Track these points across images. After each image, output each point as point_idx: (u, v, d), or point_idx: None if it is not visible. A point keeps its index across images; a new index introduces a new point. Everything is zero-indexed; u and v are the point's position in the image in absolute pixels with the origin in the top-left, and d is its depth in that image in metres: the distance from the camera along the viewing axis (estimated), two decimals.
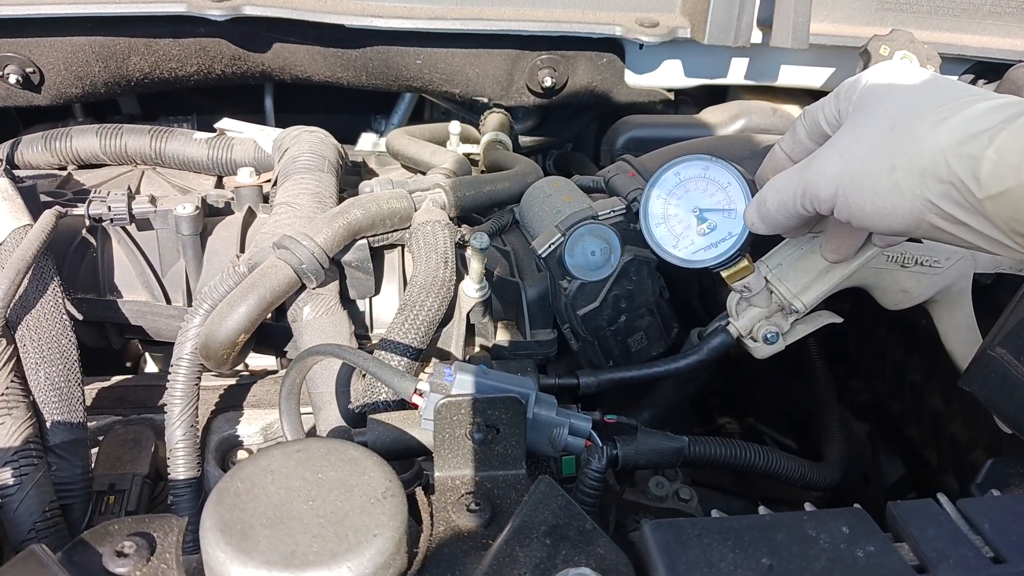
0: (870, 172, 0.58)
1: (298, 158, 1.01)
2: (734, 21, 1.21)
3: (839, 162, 0.60)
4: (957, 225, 0.55)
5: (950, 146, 0.53)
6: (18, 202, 0.87)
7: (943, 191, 0.54)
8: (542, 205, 0.99)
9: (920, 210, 0.56)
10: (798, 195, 0.64)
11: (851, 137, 0.60)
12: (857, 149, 0.59)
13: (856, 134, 0.60)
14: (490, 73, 1.33)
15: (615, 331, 0.92)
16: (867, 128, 0.59)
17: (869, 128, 0.59)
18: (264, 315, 0.84)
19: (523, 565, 0.53)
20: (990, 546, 0.54)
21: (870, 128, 0.59)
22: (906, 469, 1.27)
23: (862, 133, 0.59)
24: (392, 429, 0.72)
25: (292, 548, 0.49)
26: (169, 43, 1.24)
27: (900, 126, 0.57)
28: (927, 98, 0.57)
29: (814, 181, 0.62)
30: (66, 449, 0.79)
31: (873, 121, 0.59)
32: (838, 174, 0.60)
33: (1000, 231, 0.53)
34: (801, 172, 0.64)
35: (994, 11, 1.29)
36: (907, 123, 0.56)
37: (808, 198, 0.63)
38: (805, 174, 0.63)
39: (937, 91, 0.58)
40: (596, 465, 0.71)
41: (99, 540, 0.54)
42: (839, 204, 0.60)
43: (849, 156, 0.59)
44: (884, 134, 0.57)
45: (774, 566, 0.52)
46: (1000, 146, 0.51)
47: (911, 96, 0.58)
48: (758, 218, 0.70)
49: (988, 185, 0.51)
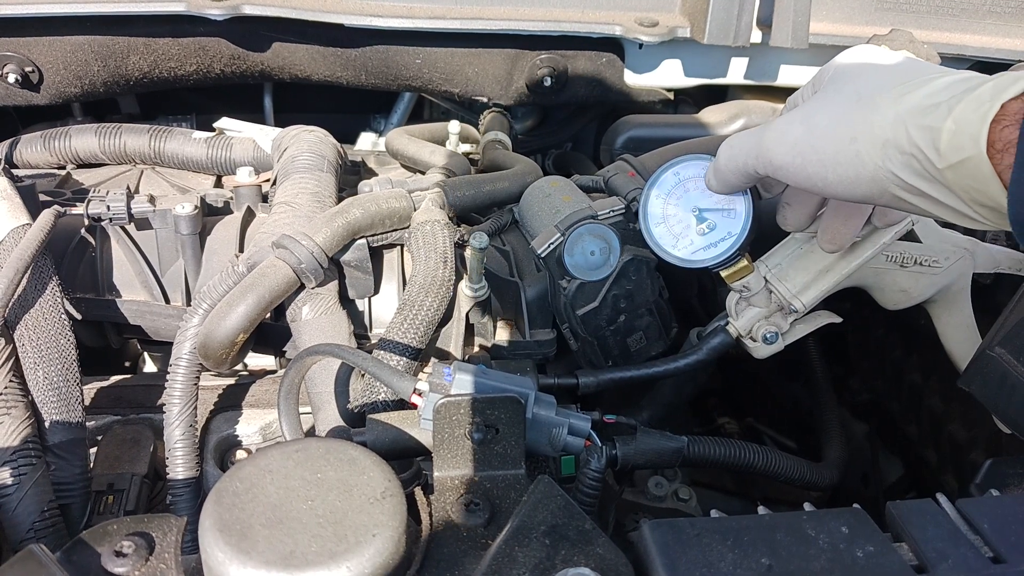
0: (831, 141, 0.58)
1: (297, 157, 1.01)
2: (734, 21, 1.21)
3: (799, 129, 0.60)
4: (919, 196, 0.56)
5: (910, 117, 0.54)
6: (17, 201, 0.87)
7: (904, 161, 0.54)
8: (541, 205, 0.99)
9: (882, 180, 0.56)
10: (751, 155, 0.65)
11: (815, 107, 0.61)
12: (820, 119, 0.59)
13: (820, 105, 0.60)
14: (490, 73, 1.33)
15: (614, 331, 0.92)
16: (832, 100, 0.60)
17: (834, 100, 0.59)
18: (263, 315, 0.84)
19: (522, 565, 0.53)
20: (989, 546, 0.54)
21: (835, 100, 0.59)
22: (906, 469, 1.27)
23: (827, 105, 0.60)
24: (391, 429, 0.72)
25: (291, 548, 0.49)
26: (168, 42, 1.24)
27: (864, 99, 0.57)
28: (893, 74, 0.58)
29: (769, 145, 0.62)
30: (65, 449, 0.79)
31: (838, 94, 0.59)
32: (797, 141, 0.60)
33: (961, 201, 0.54)
34: (758, 134, 0.64)
35: (994, 11, 1.29)
36: (871, 96, 0.57)
37: (761, 161, 0.64)
38: (762, 136, 0.63)
39: (905, 69, 0.59)
40: (595, 465, 0.71)
41: (98, 540, 0.54)
42: (794, 171, 0.61)
43: (810, 124, 0.60)
44: (848, 106, 0.58)
45: (773, 566, 0.51)
46: (959, 116, 0.51)
47: (878, 73, 0.59)
48: (712, 175, 0.71)
49: (948, 155, 0.52)
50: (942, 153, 0.52)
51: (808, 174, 0.60)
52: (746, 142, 0.66)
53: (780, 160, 0.61)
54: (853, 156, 0.57)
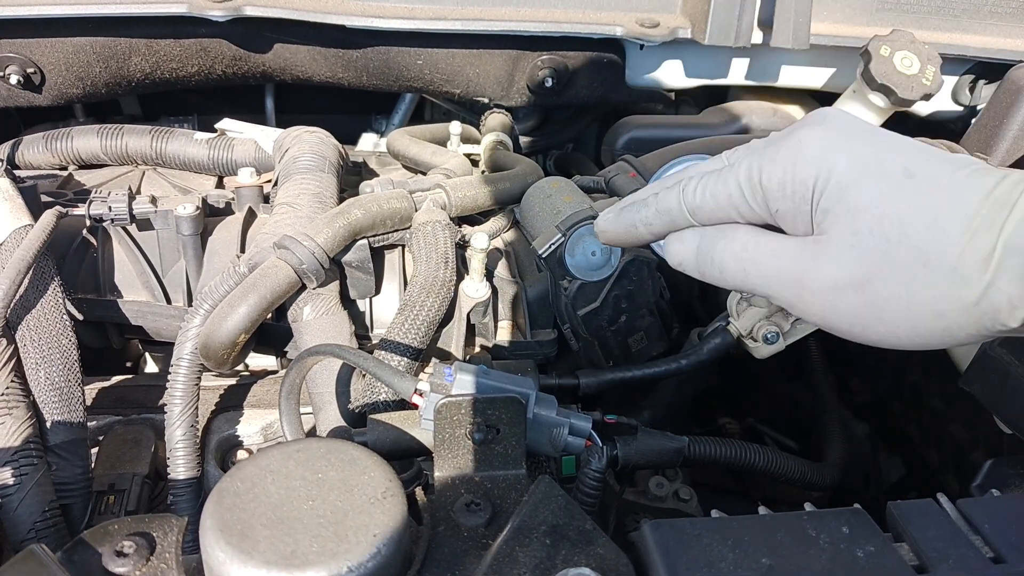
0: (907, 314, 0.51)
1: (299, 158, 1.01)
2: (734, 21, 1.21)
3: (855, 299, 0.52)
4: None
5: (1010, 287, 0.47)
6: (19, 202, 0.87)
7: (1011, 329, 0.49)
8: (542, 205, 0.99)
9: (982, 336, 0.51)
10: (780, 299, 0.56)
11: (863, 269, 0.51)
12: (881, 288, 0.51)
13: (869, 266, 0.51)
14: (491, 73, 1.33)
15: (615, 331, 0.92)
16: (883, 259, 0.50)
17: (887, 261, 0.50)
18: (264, 315, 0.84)
19: (523, 565, 0.53)
20: (990, 546, 0.54)
21: (889, 261, 0.50)
22: (906, 469, 1.27)
23: (879, 266, 0.50)
24: (392, 429, 0.72)
25: (292, 548, 0.49)
26: (170, 44, 1.24)
27: (934, 263, 0.49)
28: (938, 209, 0.50)
29: (815, 310, 0.54)
30: (66, 449, 0.79)
31: (887, 251, 0.50)
32: (859, 311, 0.52)
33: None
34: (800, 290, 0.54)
35: (994, 11, 1.29)
36: (941, 260, 0.49)
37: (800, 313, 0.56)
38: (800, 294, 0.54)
39: (936, 188, 0.50)
40: (596, 465, 0.71)
41: (99, 540, 0.54)
42: (855, 334, 0.54)
43: (871, 295, 0.51)
44: (916, 273, 0.50)
45: (774, 566, 0.51)
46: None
47: (914, 210, 0.50)
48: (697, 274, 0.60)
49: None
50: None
51: (873, 339, 0.53)
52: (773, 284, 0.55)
53: (832, 322, 0.54)
54: (941, 331, 0.51)
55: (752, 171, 0.54)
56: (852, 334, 0.54)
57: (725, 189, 0.56)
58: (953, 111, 1.37)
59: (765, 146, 0.55)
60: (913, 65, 1.20)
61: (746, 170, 0.55)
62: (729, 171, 0.56)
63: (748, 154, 0.56)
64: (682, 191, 0.58)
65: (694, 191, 0.57)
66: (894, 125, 1.31)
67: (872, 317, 0.52)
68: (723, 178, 0.56)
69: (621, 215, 0.63)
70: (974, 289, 0.48)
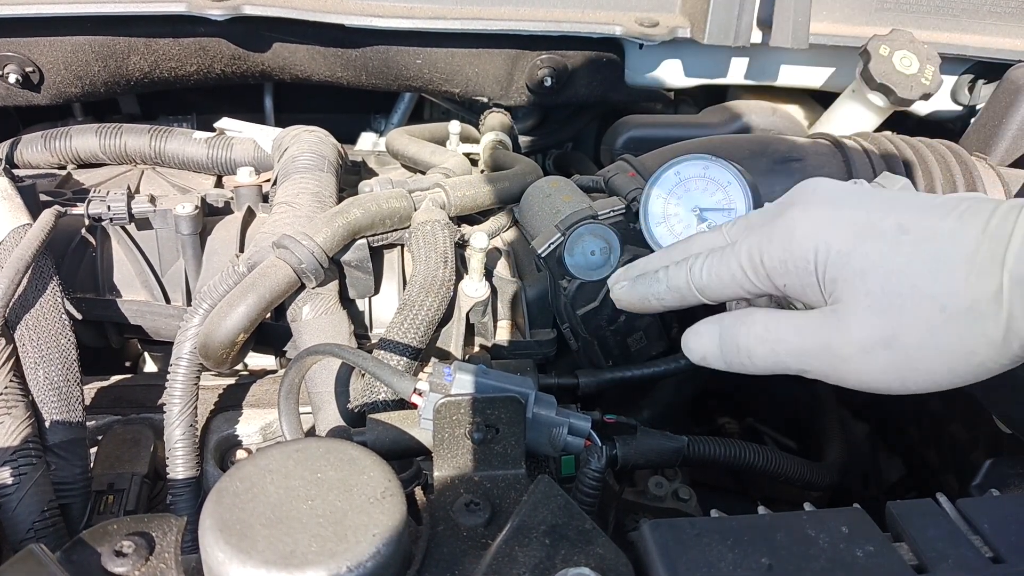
0: (940, 360, 0.52)
1: (298, 158, 1.01)
2: (734, 21, 1.21)
3: (889, 356, 0.53)
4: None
5: None
6: (17, 201, 0.87)
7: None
8: (541, 205, 0.99)
9: (1016, 361, 0.52)
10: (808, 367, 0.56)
11: (887, 326, 0.52)
12: (908, 340, 0.52)
13: (890, 322, 0.52)
14: (490, 73, 1.33)
15: (615, 331, 0.92)
16: (901, 313, 0.52)
17: (906, 314, 0.52)
18: (263, 315, 0.84)
19: (522, 565, 0.53)
20: (989, 546, 0.54)
21: (907, 313, 0.52)
22: (906, 469, 1.27)
23: (900, 320, 0.52)
24: (391, 429, 0.72)
25: (291, 548, 0.49)
26: (169, 43, 1.24)
27: (950, 307, 0.51)
28: (938, 258, 0.51)
29: (848, 371, 0.55)
30: (65, 449, 0.79)
31: (903, 305, 0.52)
32: (893, 367, 0.53)
33: None
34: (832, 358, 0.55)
35: (994, 11, 1.29)
36: (955, 302, 0.50)
37: (832, 378, 0.56)
38: (832, 360, 0.55)
39: (932, 238, 0.52)
40: (595, 465, 0.71)
41: (98, 540, 0.54)
42: (890, 388, 0.55)
43: (901, 349, 0.52)
44: (937, 320, 0.51)
45: (773, 566, 0.51)
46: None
47: (917, 262, 0.52)
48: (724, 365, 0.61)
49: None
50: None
51: (914, 389, 0.54)
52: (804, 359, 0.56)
53: (870, 383, 0.55)
54: (977, 367, 0.52)
55: (752, 253, 0.57)
56: (893, 389, 0.54)
57: (728, 270, 0.58)
58: (952, 111, 1.37)
59: (761, 224, 0.58)
60: (912, 65, 1.20)
61: (746, 252, 0.57)
62: (731, 252, 0.58)
63: (747, 234, 0.58)
64: (689, 270, 0.61)
65: (700, 271, 0.60)
66: (894, 125, 1.32)
67: (908, 369, 0.53)
68: (726, 259, 0.59)
69: (635, 287, 0.66)
70: (996, 324, 0.49)
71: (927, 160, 1.05)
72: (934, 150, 1.07)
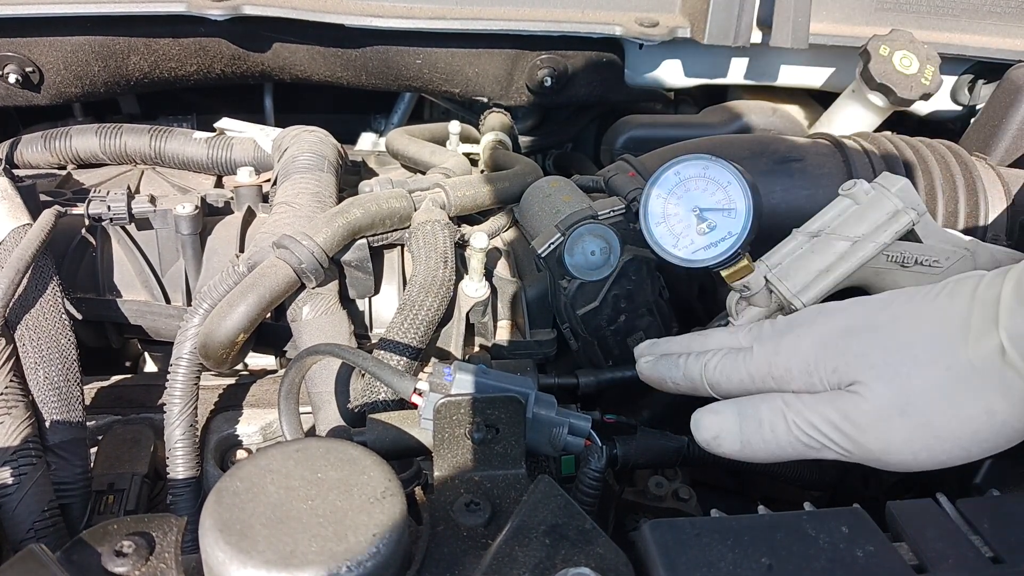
0: (961, 423, 0.54)
1: (298, 158, 1.01)
2: (734, 21, 1.21)
3: (906, 423, 0.56)
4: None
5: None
6: (17, 201, 0.87)
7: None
8: (542, 205, 0.99)
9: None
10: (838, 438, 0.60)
11: (898, 394, 0.56)
12: (922, 405, 0.55)
13: (900, 390, 0.56)
14: (490, 73, 1.33)
15: (615, 331, 0.92)
16: (910, 382, 0.55)
17: (915, 381, 0.55)
18: (263, 315, 0.84)
19: (523, 565, 0.53)
20: (989, 546, 0.54)
21: (916, 380, 0.55)
22: None
23: (910, 387, 0.55)
24: (391, 429, 0.72)
25: (291, 548, 0.49)
26: (169, 43, 1.24)
27: (956, 368, 0.54)
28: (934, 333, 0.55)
29: (874, 447, 0.58)
30: (65, 449, 0.79)
31: (910, 374, 0.55)
32: (913, 435, 0.56)
33: None
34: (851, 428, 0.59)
35: (994, 11, 1.29)
36: (960, 364, 0.54)
37: (856, 456, 0.60)
38: (857, 437, 0.58)
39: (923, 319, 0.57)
40: (595, 465, 0.71)
41: (98, 540, 0.54)
42: (918, 463, 0.57)
43: (917, 415, 0.55)
44: (946, 382, 0.54)
45: (773, 566, 0.51)
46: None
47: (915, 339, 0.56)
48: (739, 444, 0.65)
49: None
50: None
51: (943, 459, 0.56)
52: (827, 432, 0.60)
53: (896, 454, 0.57)
54: (999, 425, 0.54)
55: (760, 363, 0.65)
56: (920, 462, 0.57)
57: (738, 374, 0.66)
58: (952, 111, 1.37)
59: (771, 336, 0.65)
60: (912, 65, 1.20)
61: (755, 362, 0.65)
62: (742, 359, 0.66)
63: (759, 344, 0.66)
64: (704, 367, 0.68)
65: (714, 369, 0.68)
66: (894, 125, 1.32)
67: (929, 437, 0.55)
68: (738, 364, 0.66)
69: (656, 367, 0.73)
70: (1004, 381, 0.52)
71: (927, 160, 1.05)
72: (934, 150, 1.07)
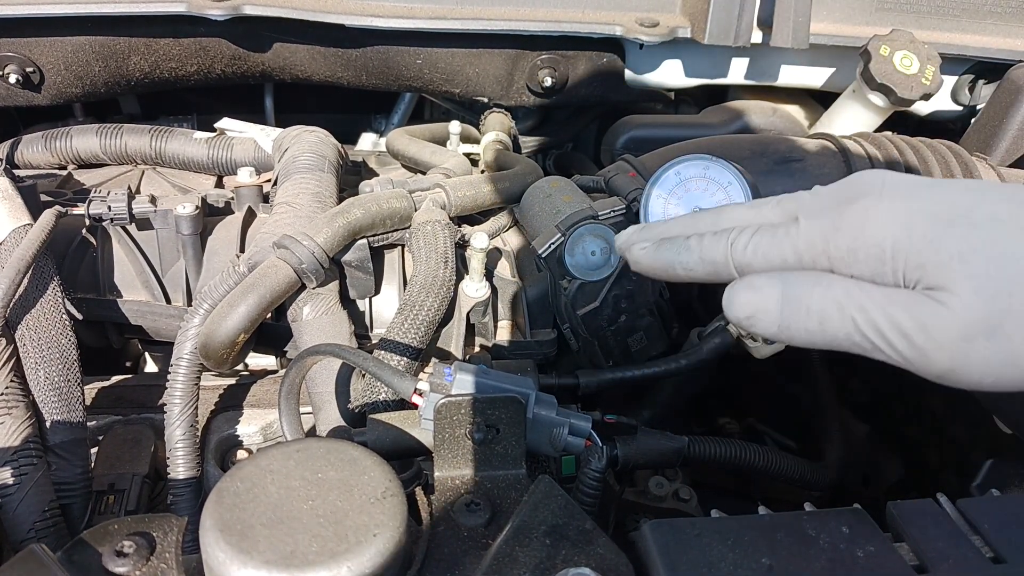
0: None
1: (298, 158, 1.01)
2: (734, 21, 1.21)
3: (989, 347, 0.48)
4: None
5: None
6: (18, 202, 0.87)
7: None
8: (542, 205, 0.99)
9: None
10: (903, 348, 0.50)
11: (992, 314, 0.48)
12: (1014, 332, 0.48)
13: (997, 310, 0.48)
14: (490, 73, 1.33)
15: (615, 331, 0.92)
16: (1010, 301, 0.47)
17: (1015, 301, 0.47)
18: (264, 315, 0.84)
19: (523, 565, 0.53)
20: (990, 546, 0.54)
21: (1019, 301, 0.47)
22: (906, 469, 1.27)
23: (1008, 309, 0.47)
24: (392, 429, 0.72)
25: (292, 548, 0.49)
26: (169, 43, 1.24)
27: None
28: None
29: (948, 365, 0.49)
30: (66, 449, 0.79)
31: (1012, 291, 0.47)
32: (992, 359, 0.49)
33: None
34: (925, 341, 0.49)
35: (994, 11, 1.29)
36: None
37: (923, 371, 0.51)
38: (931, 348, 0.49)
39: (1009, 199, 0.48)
40: (596, 465, 0.71)
41: (99, 540, 0.54)
42: (986, 385, 0.50)
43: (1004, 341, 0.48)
44: None
45: (774, 566, 0.51)
46: None
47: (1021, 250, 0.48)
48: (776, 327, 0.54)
49: None
50: None
51: (1007, 385, 0.50)
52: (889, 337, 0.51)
53: (963, 377, 0.50)
54: None
55: (813, 240, 0.53)
56: (984, 384, 0.50)
57: (780, 252, 0.54)
58: (953, 111, 1.37)
59: (821, 211, 0.53)
60: (913, 65, 1.20)
61: (806, 238, 0.53)
62: (786, 235, 0.54)
63: (807, 220, 0.54)
64: (731, 245, 0.56)
65: (744, 248, 0.55)
66: (894, 125, 1.32)
67: (1007, 363, 0.48)
68: (778, 242, 0.54)
69: (659, 251, 0.60)
70: None
71: (928, 160, 1.05)
72: (934, 150, 1.07)
